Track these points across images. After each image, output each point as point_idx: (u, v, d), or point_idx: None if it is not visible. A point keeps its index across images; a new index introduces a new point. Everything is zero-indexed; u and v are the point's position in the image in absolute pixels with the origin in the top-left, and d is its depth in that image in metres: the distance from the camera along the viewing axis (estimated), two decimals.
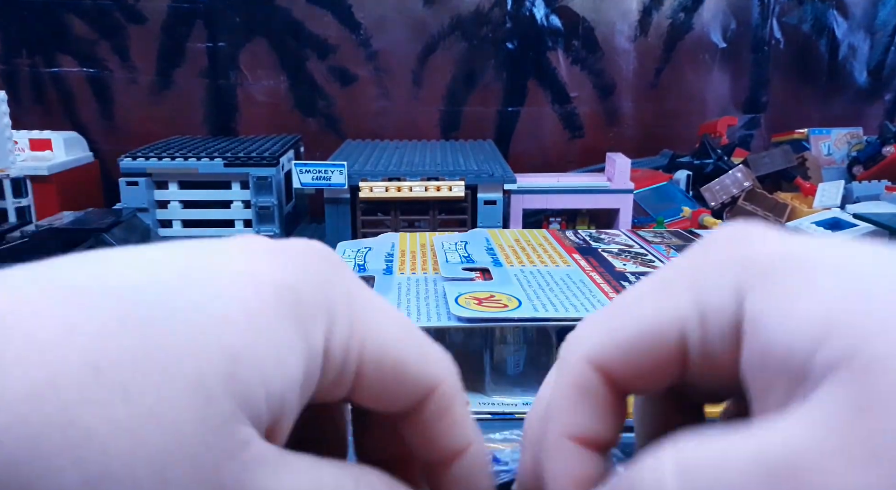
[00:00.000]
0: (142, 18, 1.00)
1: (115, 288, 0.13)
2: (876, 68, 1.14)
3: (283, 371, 0.14)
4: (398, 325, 0.17)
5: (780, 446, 0.12)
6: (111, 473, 0.12)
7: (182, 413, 0.13)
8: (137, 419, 0.12)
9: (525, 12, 1.04)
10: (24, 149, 0.85)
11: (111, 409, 0.12)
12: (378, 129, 1.05)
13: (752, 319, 0.14)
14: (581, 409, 0.16)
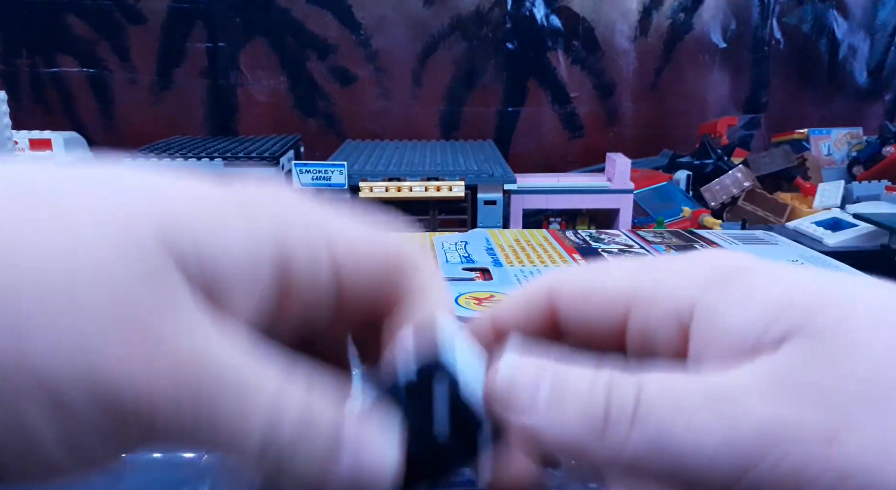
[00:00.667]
0: (142, 18, 1.00)
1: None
2: (876, 68, 1.14)
3: (222, 241, 0.16)
4: (362, 225, 0.19)
5: (727, 383, 0.15)
6: (18, 279, 0.13)
7: (103, 241, 0.14)
8: (57, 235, 0.13)
9: (525, 12, 1.04)
10: (24, 149, 0.85)
11: (35, 225, 0.13)
12: (378, 129, 1.05)
13: (708, 309, 0.17)
14: (517, 307, 0.20)
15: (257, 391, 0.16)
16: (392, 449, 0.17)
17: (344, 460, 0.16)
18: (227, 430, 0.15)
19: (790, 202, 0.82)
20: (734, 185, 0.85)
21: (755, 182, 0.86)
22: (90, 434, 0.14)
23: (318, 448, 0.16)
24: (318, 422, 0.16)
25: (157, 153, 0.78)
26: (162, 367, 0.14)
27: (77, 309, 0.13)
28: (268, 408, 0.16)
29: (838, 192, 0.81)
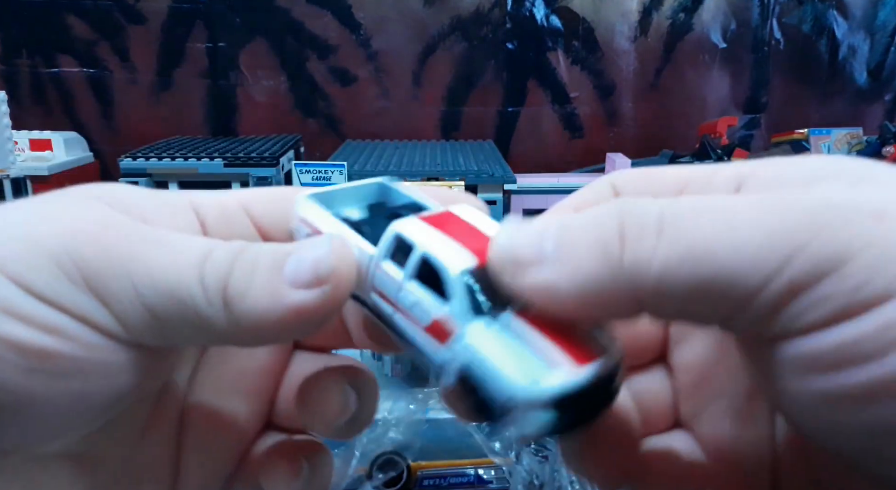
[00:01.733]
0: (142, 18, 1.00)
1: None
2: (876, 68, 1.14)
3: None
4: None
5: (770, 194, 0.16)
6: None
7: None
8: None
9: (525, 12, 1.04)
10: (24, 149, 0.85)
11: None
12: (378, 129, 1.05)
13: (762, 169, 0.18)
14: (585, 200, 0.20)
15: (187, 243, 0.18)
16: (337, 244, 0.18)
17: (304, 254, 0.17)
18: (164, 272, 0.17)
19: None
20: None
21: None
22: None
23: (263, 260, 0.17)
24: (252, 245, 0.18)
25: (157, 153, 0.78)
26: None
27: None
28: (199, 246, 0.18)
29: None
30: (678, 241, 0.14)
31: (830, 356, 0.14)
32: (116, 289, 0.17)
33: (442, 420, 0.55)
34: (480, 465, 0.52)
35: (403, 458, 0.53)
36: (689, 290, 0.14)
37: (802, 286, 0.14)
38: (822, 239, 0.13)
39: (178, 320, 0.17)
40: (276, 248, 0.18)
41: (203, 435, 0.23)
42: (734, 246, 0.14)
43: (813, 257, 0.13)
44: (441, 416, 0.56)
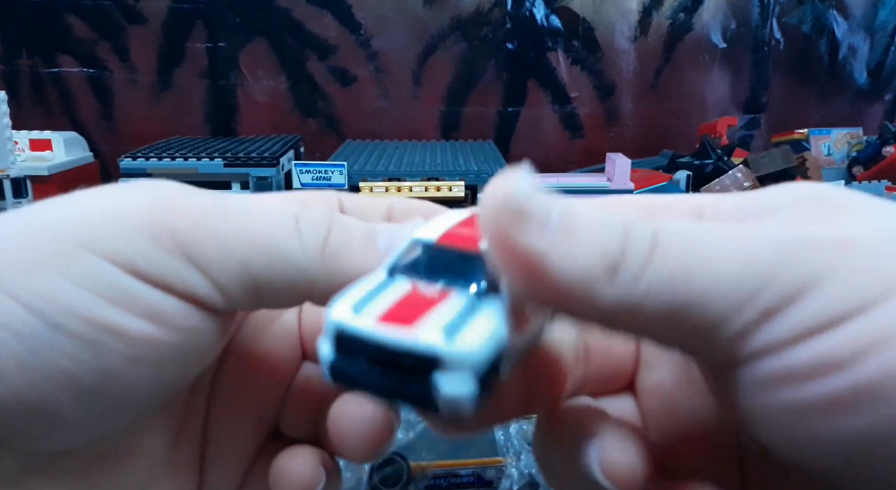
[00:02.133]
0: (142, 18, 1.00)
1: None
2: (876, 68, 1.14)
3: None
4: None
5: (746, 225, 0.17)
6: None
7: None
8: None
9: (525, 12, 1.04)
10: (24, 149, 0.85)
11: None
12: (378, 129, 1.05)
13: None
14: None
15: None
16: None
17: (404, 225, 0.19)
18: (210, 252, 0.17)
19: None
20: (734, 185, 0.85)
21: (755, 182, 0.86)
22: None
23: (357, 227, 0.19)
24: (342, 216, 0.19)
25: (157, 153, 0.78)
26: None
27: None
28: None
29: None
30: (664, 264, 0.15)
31: (803, 369, 0.14)
32: (213, 252, 0.17)
33: None
34: (480, 465, 0.52)
35: (403, 458, 0.53)
36: (665, 311, 0.15)
37: (774, 311, 0.14)
38: (793, 268, 0.15)
39: (276, 277, 0.17)
40: (365, 223, 0.20)
41: (223, 434, 0.23)
42: (711, 274, 0.15)
43: (784, 285, 0.14)
44: None
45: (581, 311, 0.15)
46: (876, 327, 0.14)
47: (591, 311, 0.15)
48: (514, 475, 0.49)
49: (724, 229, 0.16)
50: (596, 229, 0.15)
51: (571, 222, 0.15)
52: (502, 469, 0.51)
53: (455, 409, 0.15)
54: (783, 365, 0.14)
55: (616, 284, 0.15)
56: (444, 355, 0.14)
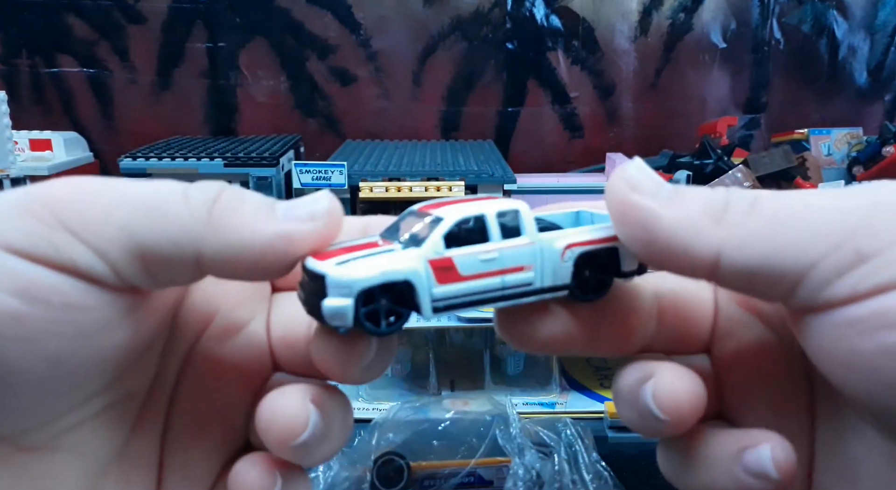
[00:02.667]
0: (142, 18, 1.00)
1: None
2: (876, 68, 1.14)
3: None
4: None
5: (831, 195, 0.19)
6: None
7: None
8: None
9: (525, 12, 1.04)
10: (24, 149, 0.85)
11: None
12: (378, 129, 1.05)
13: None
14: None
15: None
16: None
17: (302, 199, 0.19)
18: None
19: None
20: (734, 185, 0.85)
21: (755, 182, 0.86)
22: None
23: (252, 194, 0.19)
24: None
25: (157, 153, 0.78)
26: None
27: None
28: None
29: None
30: (762, 214, 0.17)
31: (870, 320, 0.16)
32: (91, 216, 0.17)
33: (442, 420, 0.55)
34: (480, 465, 0.52)
35: (403, 458, 0.53)
36: (761, 256, 0.17)
37: (847, 267, 0.16)
38: (867, 231, 0.16)
39: (160, 240, 0.17)
40: (265, 197, 0.20)
41: (185, 443, 0.23)
42: (805, 222, 0.17)
43: (856, 246, 0.16)
44: (441, 416, 0.56)
45: (684, 261, 0.18)
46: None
47: (693, 259, 0.18)
48: (520, 474, 0.49)
49: (818, 191, 0.18)
50: (700, 194, 0.18)
51: (679, 192, 0.19)
52: (505, 469, 0.51)
53: (336, 319, 0.18)
54: (853, 315, 0.16)
55: (718, 231, 0.17)
56: (326, 277, 0.18)
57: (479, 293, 0.20)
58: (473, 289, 0.20)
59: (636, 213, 0.18)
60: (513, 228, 0.20)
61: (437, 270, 0.19)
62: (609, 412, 0.56)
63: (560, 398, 0.59)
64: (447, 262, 0.19)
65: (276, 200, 0.20)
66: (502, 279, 0.20)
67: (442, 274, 0.19)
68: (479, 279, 0.20)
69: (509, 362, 0.61)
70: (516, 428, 0.52)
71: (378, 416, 0.55)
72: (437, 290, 0.19)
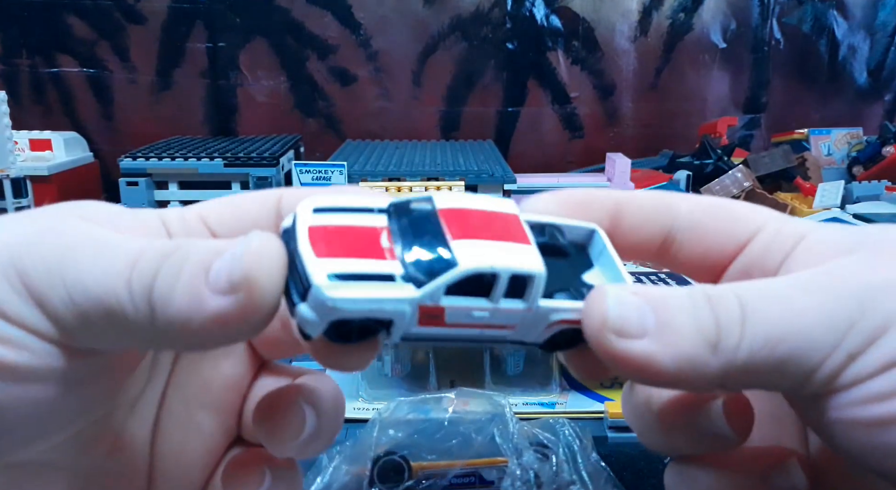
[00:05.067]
0: (142, 18, 1.00)
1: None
2: (876, 68, 1.14)
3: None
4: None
5: (819, 271, 0.18)
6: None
7: None
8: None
9: (525, 12, 1.04)
10: (24, 149, 0.85)
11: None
12: (378, 129, 1.05)
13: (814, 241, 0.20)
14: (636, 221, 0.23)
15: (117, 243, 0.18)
16: (272, 241, 0.17)
17: (225, 255, 0.17)
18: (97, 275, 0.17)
19: (790, 202, 0.82)
20: (734, 185, 0.85)
21: (755, 182, 0.86)
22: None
23: (191, 260, 0.17)
24: (184, 245, 0.17)
25: (157, 153, 0.78)
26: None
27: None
28: (130, 248, 0.17)
29: (838, 193, 0.81)
30: (757, 331, 0.17)
31: (884, 392, 0.16)
32: (52, 295, 0.17)
33: (442, 420, 0.55)
34: (480, 465, 0.52)
35: (403, 458, 0.53)
36: (766, 370, 0.17)
37: (858, 353, 0.17)
38: (869, 315, 0.17)
39: (109, 325, 0.17)
40: (208, 247, 0.17)
41: (173, 447, 0.23)
42: (799, 332, 0.17)
43: (863, 330, 0.17)
44: (441, 416, 0.56)
45: (691, 385, 0.18)
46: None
47: (699, 383, 0.17)
48: (517, 474, 0.49)
49: (799, 283, 0.18)
50: (688, 313, 0.17)
51: (665, 314, 0.17)
52: (503, 469, 0.51)
53: (304, 325, 0.17)
54: (866, 391, 0.17)
55: (718, 357, 0.17)
56: (311, 287, 0.17)
57: (451, 338, 0.19)
58: (449, 334, 0.19)
59: (629, 364, 0.17)
60: (518, 290, 0.19)
61: (423, 315, 0.18)
62: (609, 412, 0.56)
63: (560, 398, 0.59)
64: (437, 311, 0.18)
65: (218, 252, 0.17)
66: (481, 332, 0.19)
67: (427, 319, 0.18)
68: (459, 328, 0.19)
69: (509, 362, 0.61)
70: (514, 429, 0.52)
71: (378, 416, 0.55)
72: (415, 330, 0.18)
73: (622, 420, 0.55)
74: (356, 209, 0.19)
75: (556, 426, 0.53)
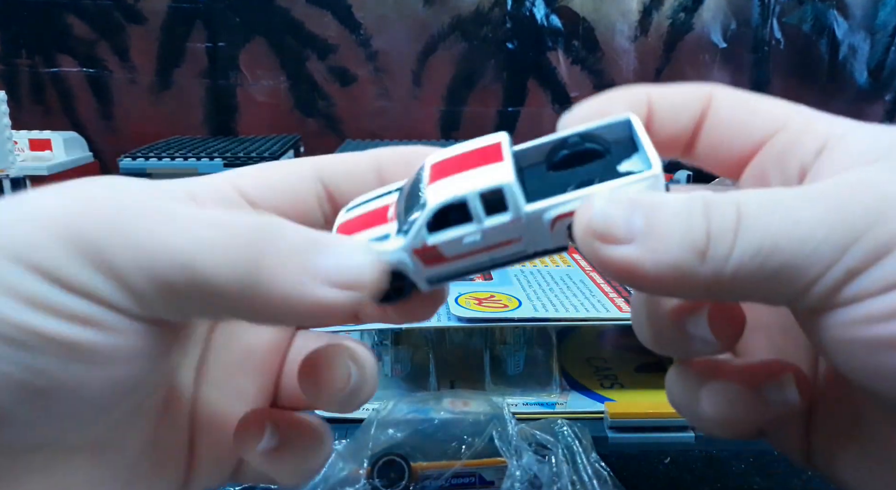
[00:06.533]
0: (142, 18, 1.00)
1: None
2: (876, 69, 1.14)
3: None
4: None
5: (831, 182, 0.17)
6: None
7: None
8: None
9: (525, 12, 1.04)
10: (24, 149, 0.84)
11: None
12: (378, 129, 1.05)
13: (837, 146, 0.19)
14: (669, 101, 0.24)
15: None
16: (368, 249, 0.18)
17: (326, 251, 0.17)
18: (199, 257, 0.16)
19: None
20: (734, 186, 0.85)
21: None
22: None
23: (297, 245, 0.17)
24: (285, 227, 0.18)
25: (157, 153, 0.78)
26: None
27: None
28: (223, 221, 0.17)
29: None
30: (752, 239, 0.16)
31: (883, 313, 0.16)
32: (130, 266, 0.16)
33: (442, 420, 0.55)
34: (481, 465, 0.52)
35: (403, 458, 0.52)
36: (758, 282, 0.16)
37: (859, 270, 0.16)
38: (876, 230, 0.16)
39: (194, 294, 0.17)
40: (309, 236, 0.18)
41: (214, 417, 0.23)
42: (797, 243, 0.16)
43: (867, 246, 0.16)
44: (441, 416, 0.55)
45: (679, 294, 0.18)
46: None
47: (687, 292, 0.17)
48: (517, 475, 0.49)
49: (806, 194, 0.17)
50: (679, 219, 0.17)
51: (655, 219, 0.17)
52: (503, 469, 0.51)
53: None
54: (866, 311, 0.16)
55: (706, 266, 0.16)
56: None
57: (468, 269, 0.20)
58: (463, 267, 0.20)
59: (615, 268, 0.17)
60: (497, 205, 0.19)
61: (423, 257, 0.20)
62: (609, 412, 0.56)
63: (560, 398, 0.59)
64: (432, 250, 0.20)
65: (323, 245, 0.18)
66: (492, 255, 0.20)
67: (430, 259, 0.20)
68: (466, 258, 0.20)
69: (509, 362, 0.61)
70: (513, 430, 0.52)
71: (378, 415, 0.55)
72: (431, 272, 0.20)
73: (622, 420, 0.55)
74: (380, 195, 0.22)
75: (556, 427, 0.53)
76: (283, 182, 0.22)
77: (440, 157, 0.22)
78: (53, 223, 0.16)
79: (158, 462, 0.22)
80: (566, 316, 0.46)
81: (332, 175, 0.23)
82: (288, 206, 0.22)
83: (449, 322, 0.46)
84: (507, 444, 0.51)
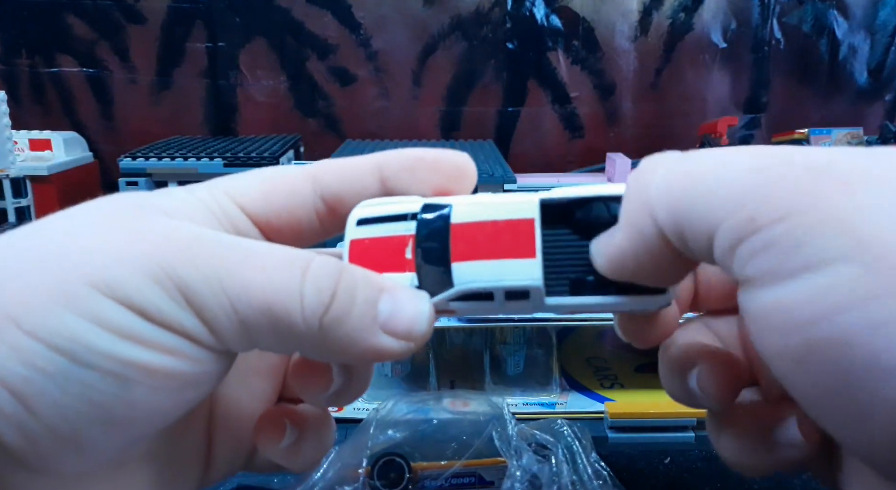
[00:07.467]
0: (142, 18, 1.00)
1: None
2: (876, 68, 1.14)
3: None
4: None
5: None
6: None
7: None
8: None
9: (525, 12, 1.04)
10: (24, 149, 0.85)
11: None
12: (378, 129, 1.05)
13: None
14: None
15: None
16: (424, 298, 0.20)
17: (385, 299, 0.19)
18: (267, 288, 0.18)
19: None
20: None
21: None
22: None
23: (362, 291, 0.19)
24: (351, 271, 0.20)
25: (157, 153, 0.78)
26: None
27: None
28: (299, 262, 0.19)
29: None
30: (667, 175, 0.17)
31: (771, 314, 0.15)
32: (212, 303, 0.18)
33: (442, 420, 0.55)
34: (481, 465, 0.52)
35: (403, 458, 0.53)
36: (674, 217, 0.17)
37: (745, 233, 0.15)
38: (772, 192, 0.14)
39: (270, 333, 0.18)
40: (372, 281, 0.20)
41: (230, 415, 0.25)
42: (703, 187, 0.16)
43: (757, 208, 0.14)
44: (441, 416, 0.56)
45: (654, 254, 0.19)
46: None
47: (656, 248, 0.18)
48: (517, 475, 0.49)
49: (738, 150, 0.17)
50: (653, 158, 0.20)
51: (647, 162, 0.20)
52: (503, 469, 0.51)
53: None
54: (761, 305, 0.15)
55: (640, 197, 0.19)
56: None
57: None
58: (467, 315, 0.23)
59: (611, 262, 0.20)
60: (520, 295, 0.21)
61: (439, 311, 0.21)
62: (609, 412, 0.56)
63: (560, 398, 0.59)
64: (449, 312, 0.21)
65: (382, 290, 0.20)
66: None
67: (440, 312, 0.21)
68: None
69: (509, 362, 0.61)
70: (513, 430, 0.52)
71: (378, 415, 0.55)
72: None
73: (622, 420, 0.55)
74: (394, 217, 0.22)
75: (555, 427, 0.53)
76: (277, 193, 0.23)
77: (465, 217, 0.21)
78: (142, 261, 0.18)
79: (182, 462, 0.23)
80: (566, 316, 0.46)
81: (331, 183, 0.23)
82: (285, 218, 0.23)
83: (449, 322, 0.46)
84: (506, 445, 0.51)
